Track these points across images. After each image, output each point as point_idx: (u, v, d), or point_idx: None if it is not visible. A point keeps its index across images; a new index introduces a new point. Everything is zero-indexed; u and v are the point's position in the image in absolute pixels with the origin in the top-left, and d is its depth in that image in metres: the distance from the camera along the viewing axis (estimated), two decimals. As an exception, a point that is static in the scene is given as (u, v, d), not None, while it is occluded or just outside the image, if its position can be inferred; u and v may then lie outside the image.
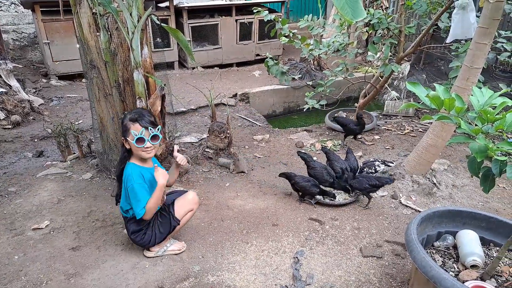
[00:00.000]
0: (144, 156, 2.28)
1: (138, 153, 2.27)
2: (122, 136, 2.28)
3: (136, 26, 2.91)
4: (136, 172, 2.25)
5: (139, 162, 2.32)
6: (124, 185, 2.28)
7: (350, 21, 1.85)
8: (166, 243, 2.52)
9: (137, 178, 2.23)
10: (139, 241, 2.40)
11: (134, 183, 2.21)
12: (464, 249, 2.03)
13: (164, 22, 6.34)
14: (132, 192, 2.22)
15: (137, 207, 2.22)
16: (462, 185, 3.48)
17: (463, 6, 3.50)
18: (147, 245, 2.43)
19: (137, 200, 2.22)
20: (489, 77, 5.67)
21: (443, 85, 1.64)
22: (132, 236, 2.38)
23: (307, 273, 2.37)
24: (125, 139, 2.25)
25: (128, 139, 2.22)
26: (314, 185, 3.10)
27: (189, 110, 5.32)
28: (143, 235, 2.38)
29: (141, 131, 2.20)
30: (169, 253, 2.51)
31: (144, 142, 2.22)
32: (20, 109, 4.71)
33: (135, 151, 2.27)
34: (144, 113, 2.27)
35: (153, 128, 2.24)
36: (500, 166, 1.50)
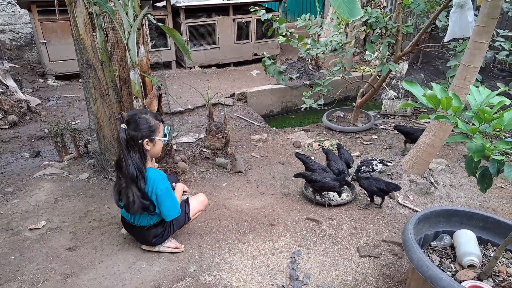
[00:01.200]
0: (159, 154, 2.32)
1: (158, 152, 2.29)
2: (146, 138, 2.16)
3: (132, 25, 2.90)
4: (160, 175, 2.25)
5: (151, 165, 2.32)
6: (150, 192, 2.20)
7: (347, 20, 1.84)
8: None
9: (166, 180, 2.25)
10: (157, 241, 2.43)
11: (168, 184, 2.24)
12: (461, 249, 2.03)
13: (161, 22, 6.32)
14: (168, 194, 2.23)
15: (174, 208, 2.27)
16: (460, 185, 3.48)
17: (461, 5, 3.49)
18: (160, 242, 2.47)
19: (174, 199, 2.26)
20: (487, 76, 5.67)
21: (441, 84, 1.64)
22: (154, 240, 2.39)
23: (304, 273, 2.37)
24: (151, 139, 2.19)
25: (158, 138, 2.22)
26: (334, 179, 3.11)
27: (186, 110, 5.31)
28: (161, 236, 2.42)
29: (165, 127, 2.28)
30: (166, 249, 2.51)
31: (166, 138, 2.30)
32: (17, 109, 4.69)
33: (157, 151, 2.26)
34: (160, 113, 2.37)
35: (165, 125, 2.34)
36: (497, 165, 1.49)
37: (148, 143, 2.19)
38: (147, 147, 2.19)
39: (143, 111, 2.27)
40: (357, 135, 4.68)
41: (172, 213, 2.28)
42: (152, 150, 2.25)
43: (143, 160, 2.19)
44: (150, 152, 2.25)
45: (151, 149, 2.23)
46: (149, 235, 2.39)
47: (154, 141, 2.21)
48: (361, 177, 3.14)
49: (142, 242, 2.48)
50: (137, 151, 2.15)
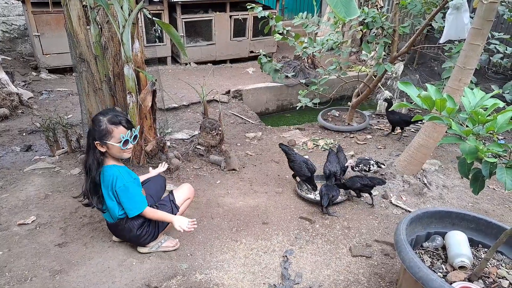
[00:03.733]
0: (125, 157, 2.25)
1: (120, 155, 2.22)
2: (97, 140, 2.15)
3: (127, 19, 2.87)
4: (123, 171, 2.23)
5: (115, 162, 2.26)
6: (109, 189, 2.20)
7: (343, 19, 1.83)
8: (160, 239, 2.51)
9: (127, 177, 2.22)
10: (145, 234, 2.37)
11: (126, 182, 2.19)
12: (453, 250, 2.04)
13: (157, 17, 6.27)
14: (125, 191, 2.19)
15: (134, 203, 2.21)
16: (452, 186, 3.49)
17: (457, 7, 3.50)
18: (152, 238, 2.41)
19: (133, 196, 2.20)
20: (482, 79, 5.70)
21: (436, 86, 1.63)
22: (138, 232, 2.33)
23: (296, 272, 2.36)
24: (103, 142, 2.15)
25: (110, 143, 2.14)
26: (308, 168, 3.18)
27: (181, 106, 5.28)
28: (147, 226, 2.36)
29: (128, 133, 2.17)
30: (163, 249, 2.49)
31: (128, 143, 2.20)
32: (8, 102, 4.63)
33: (116, 153, 2.20)
34: (119, 114, 2.21)
35: (134, 129, 2.24)
36: (490, 168, 1.49)
37: (99, 145, 2.17)
38: (100, 148, 2.18)
39: (105, 112, 2.21)
40: (352, 134, 4.68)
41: (132, 208, 2.22)
42: (110, 152, 2.20)
43: (99, 157, 2.19)
44: (108, 153, 2.21)
45: (106, 150, 2.19)
46: (133, 227, 2.31)
47: (106, 145, 2.16)
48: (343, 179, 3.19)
49: (131, 240, 2.43)
50: (91, 148, 2.19)
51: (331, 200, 2.95)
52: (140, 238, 2.37)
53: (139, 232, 2.34)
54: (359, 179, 3.09)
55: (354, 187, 3.09)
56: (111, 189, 2.20)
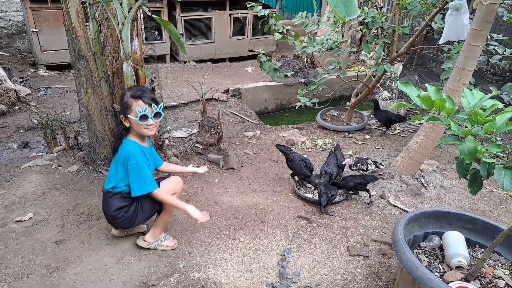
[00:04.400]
0: (146, 134, 2.25)
1: (140, 131, 2.22)
2: (121, 114, 2.21)
3: (126, 16, 2.85)
4: (138, 150, 2.22)
5: (137, 140, 2.27)
6: (121, 161, 2.21)
7: (343, 19, 1.82)
8: (161, 236, 2.50)
9: (140, 156, 2.21)
10: (120, 218, 2.28)
11: (139, 161, 2.19)
12: (450, 250, 2.04)
13: (157, 14, 6.26)
14: (137, 169, 2.18)
15: (141, 184, 2.20)
16: (450, 186, 3.50)
17: (457, 8, 3.50)
18: (127, 224, 2.33)
19: (142, 177, 2.19)
20: (480, 80, 5.72)
21: (435, 86, 1.63)
22: (115, 213, 2.26)
23: (293, 271, 2.36)
24: (126, 116, 2.19)
25: (130, 117, 2.17)
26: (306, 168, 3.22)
27: (179, 105, 5.27)
28: (125, 212, 2.29)
29: (145, 108, 2.15)
30: (161, 248, 2.48)
31: (147, 119, 2.18)
32: (5, 99, 4.60)
33: (137, 129, 2.21)
34: (145, 90, 2.23)
35: (156, 105, 2.20)
36: (488, 168, 1.50)
37: (123, 119, 2.21)
38: (124, 122, 2.22)
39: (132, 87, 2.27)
40: (351, 134, 4.68)
41: (136, 188, 2.21)
42: (132, 127, 2.22)
43: (123, 132, 2.26)
44: (132, 128, 2.24)
45: (130, 125, 2.22)
46: (112, 205, 2.26)
47: (128, 119, 2.19)
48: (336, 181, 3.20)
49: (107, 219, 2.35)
50: (120, 124, 2.26)
51: (330, 200, 2.96)
52: (115, 220, 2.31)
53: (116, 213, 2.27)
54: (352, 177, 3.13)
55: (348, 186, 3.12)
56: (120, 161, 2.21)
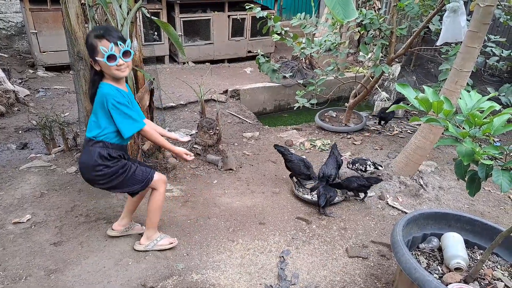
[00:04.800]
0: (118, 75, 2.07)
1: (111, 73, 2.05)
2: (90, 58, 2.04)
3: (125, 18, 2.86)
4: (115, 91, 2.07)
5: (113, 83, 2.11)
6: (99, 106, 2.07)
7: (341, 21, 1.83)
8: (155, 237, 2.48)
9: (119, 96, 2.06)
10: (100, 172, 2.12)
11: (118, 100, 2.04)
12: (449, 252, 2.05)
13: (156, 16, 6.25)
14: (118, 108, 2.04)
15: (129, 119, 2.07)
16: (449, 187, 3.51)
17: (454, 10, 3.52)
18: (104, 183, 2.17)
19: (128, 114, 2.06)
20: (478, 81, 5.73)
21: (432, 88, 1.64)
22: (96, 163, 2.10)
23: (292, 273, 2.36)
24: (94, 59, 2.02)
25: (98, 59, 1.99)
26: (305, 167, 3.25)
27: (178, 105, 5.27)
28: (106, 167, 2.13)
29: (110, 47, 1.96)
30: (159, 248, 2.47)
31: (115, 59, 2.00)
32: (4, 100, 4.60)
33: (107, 70, 2.04)
34: (110, 28, 2.06)
35: (123, 43, 2.01)
36: (486, 170, 1.50)
37: (93, 63, 2.05)
38: (95, 66, 2.05)
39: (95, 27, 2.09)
40: (349, 135, 4.69)
41: (125, 127, 2.07)
42: (103, 70, 2.06)
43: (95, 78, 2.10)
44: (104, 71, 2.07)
45: (101, 68, 2.05)
46: (93, 154, 2.10)
47: (97, 62, 2.02)
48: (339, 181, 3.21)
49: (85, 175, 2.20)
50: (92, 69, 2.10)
51: (329, 201, 2.96)
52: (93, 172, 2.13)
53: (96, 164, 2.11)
54: (356, 179, 3.12)
55: (351, 186, 3.11)
56: (98, 106, 2.09)
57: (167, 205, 3.00)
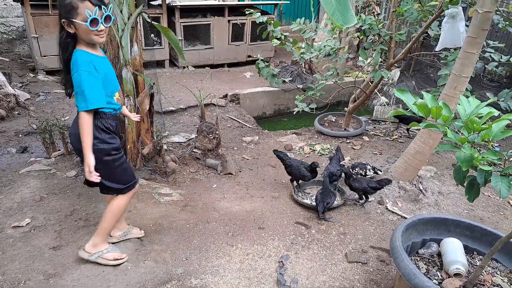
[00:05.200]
0: (96, 41, 1.94)
1: (89, 38, 1.90)
2: (63, 18, 1.85)
3: (126, 23, 2.88)
4: (85, 58, 1.92)
5: (87, 48, 1.96)
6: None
7: (341, 27, 1.84)
8: (102, 247, 2.33)
9: (84, 65, 1.90)
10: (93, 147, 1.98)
11: (80, 70, 1.89)
12: (448, 257, 2.04)
13: (156, 20, 6.28)
14: (77, 80, 1.89)
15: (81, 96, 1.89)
16: (448, 192, 3.51)
17: (453, 15, 3.54)
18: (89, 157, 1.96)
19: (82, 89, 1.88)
20: (477, 86, 5.75)
21: (432, 93, 1.65)
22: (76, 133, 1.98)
23: (291, 278, 2.36)
24: (70, 21, 1.84)
25: (77, 21, 1.83)
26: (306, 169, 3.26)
27: (178, 110, 5.28)
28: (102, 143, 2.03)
29: (94, 10, 1.83)
30: (103, 261, 2.31)
31: (97, 24, 1.86)
32: (5, 103, 4.61)
33: (85, 35, 1.89)
34: None
35: (105, 7, 1.89)
36: (485, 175, 1.51)
37: (68, 24, 1.87)
38: (68, 28, 1.88)
39: None
40: (348, 140, 4.70)
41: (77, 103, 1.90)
42: (78, 34, 1.89)
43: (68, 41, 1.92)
44: (79, 35, 1.91)
45: (76, 32, 1.89)
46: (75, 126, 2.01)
47: (73, 24, 1.85)
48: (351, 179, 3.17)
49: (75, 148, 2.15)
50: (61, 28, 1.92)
51: (326, 207, 2.95)
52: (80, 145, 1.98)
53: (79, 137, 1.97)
54: (366, 181, 3.10)
55: (361, 187, 3.08)
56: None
57: (166, 209, 3.00)
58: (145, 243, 2.60)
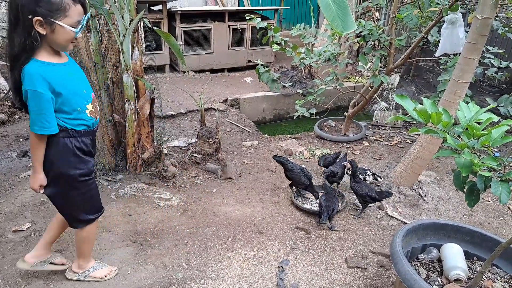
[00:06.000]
0: (68, 49, 1.72)
1: (65, 45, 1.66)
2: (40, 16, 1.53)
3: (127, 29, 2.90)
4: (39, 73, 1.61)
5: (49, 56, 1.68)
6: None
7: (341, 33, 1.86)
8: (88, 266, 2.21)
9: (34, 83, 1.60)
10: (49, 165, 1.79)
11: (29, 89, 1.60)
12: (448, 263, 2.04)
13: (157, 25, 6.32)
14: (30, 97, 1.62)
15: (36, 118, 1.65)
16: (448, 198, 3.51)
17: (453, 21, 3.56)
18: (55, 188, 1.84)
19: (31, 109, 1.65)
20: (477, 92, 5.77)
21: (431, 98, 1.66)
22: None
23: (291, 283, 2.35)
24: (50, 21, 1.55)
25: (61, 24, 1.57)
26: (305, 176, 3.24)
27: (178, 114, 5.29)
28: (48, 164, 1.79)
29: (84, 18, 1.65)
30: (91, 279, 2.22)
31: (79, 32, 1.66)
32: (6, 108, 4.62)
33: (63, 41, 1.63)
34: None
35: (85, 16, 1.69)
36: (485, 181, 1.51)
37: (41, 24, 1.55)
38: (39, 29, 1.55)
39: None
40: (348, 145, 4.70)
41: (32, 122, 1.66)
42: (50, 38, 1.60)
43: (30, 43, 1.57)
44: (48, 40, 1.62)
45: (48, 35, 1.59)
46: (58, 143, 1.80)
47: (53, 26, 1.57)
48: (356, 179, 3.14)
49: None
50: (23, 29, 1.55)
51: (331, 216, 2.91)
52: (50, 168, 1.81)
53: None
54: (368, 190, 3.03)
55: (361, 192, 3.04)
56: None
57: (166, 213, 3.00)
58: (145, 247, 2.60)
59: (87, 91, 1.86)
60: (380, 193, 3.06)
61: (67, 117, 1.76)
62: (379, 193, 3.05)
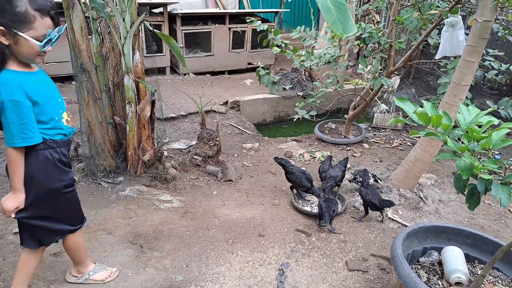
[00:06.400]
0: (36, 62, 1.67)
1: (30, 57, 1.61)
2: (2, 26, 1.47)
3: (128, 31, 2.91)
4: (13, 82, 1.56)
5: (20, 66, 1.62)
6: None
7: (341, 36, 1.86)
8: (88, 270, 2.23)
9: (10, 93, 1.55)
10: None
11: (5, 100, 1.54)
12: (449, 266, 2.04)
13: (158, 28, 6.33)
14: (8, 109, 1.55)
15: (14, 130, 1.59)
16: (449, 200, 3.51)
17: (453, 24, 3.57)
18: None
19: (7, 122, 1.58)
20: (477, 94, 5.78)
21: (431, 101, 1.66)
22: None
23: (291, 286, 2.35)
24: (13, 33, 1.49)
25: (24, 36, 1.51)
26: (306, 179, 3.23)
27: (179, 116, 5.29)
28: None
29: (56, 31, 1.59)
30: (91, 282, 2.23)
31: (48, 44, 1.59)
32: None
33: (27, 53, 1.57)
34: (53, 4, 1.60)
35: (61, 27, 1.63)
36: (485, 184, 1.51)
37: (4, 35, 1.50)
38: (2, 39, 1.50)
39: None
40: (348, 147, 4.70)
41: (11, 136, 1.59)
42: (15, 49, 1.55)
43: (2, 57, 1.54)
44: (13, 51, 1.56)
45: (12, 47, 1.54)
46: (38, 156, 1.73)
47: (16, 37, 1.51)
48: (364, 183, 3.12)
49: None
50: None
51: (332, 217, 2.90)
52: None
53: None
54: (371, 194, 2.99)
55: (364, 198, 3.02)
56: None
57: (166, 216, 3.00)
58: (145, 249, 2.60)
59: (61, 100, 1.82)
60: (382, 202, 2.99)
61: (44, 127, 1.71)
62: (380, 201, 2.98)
